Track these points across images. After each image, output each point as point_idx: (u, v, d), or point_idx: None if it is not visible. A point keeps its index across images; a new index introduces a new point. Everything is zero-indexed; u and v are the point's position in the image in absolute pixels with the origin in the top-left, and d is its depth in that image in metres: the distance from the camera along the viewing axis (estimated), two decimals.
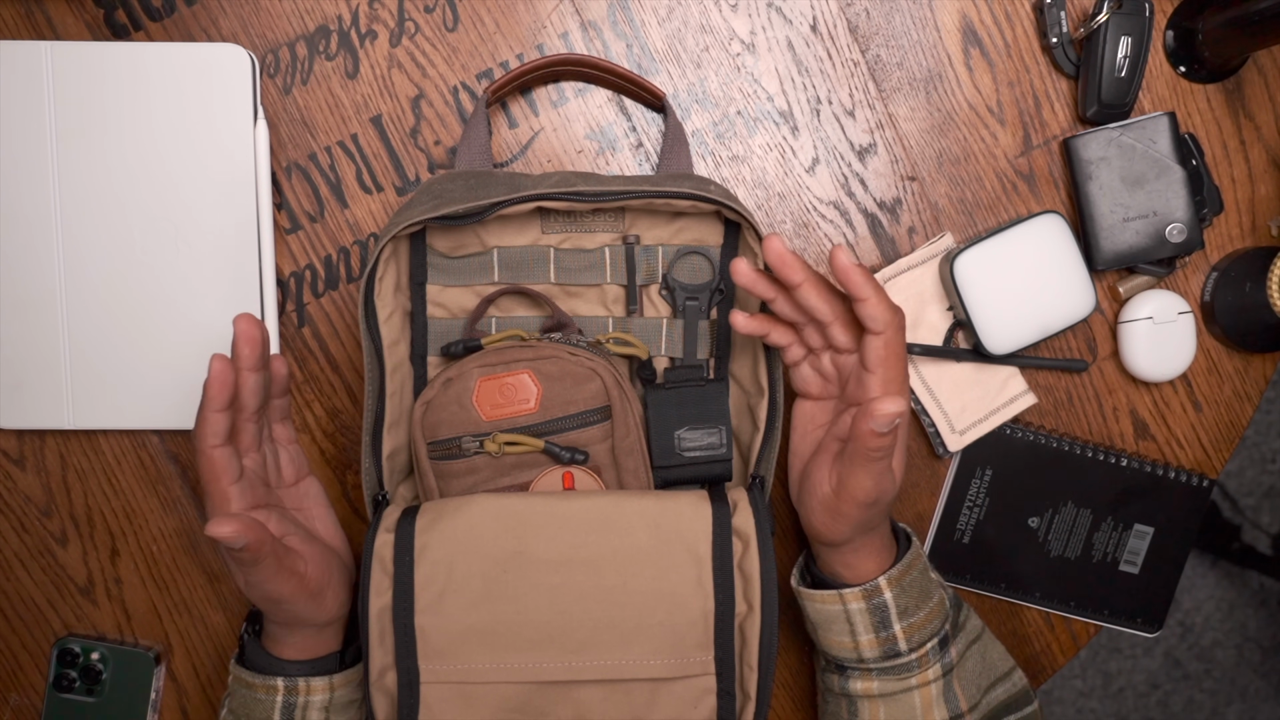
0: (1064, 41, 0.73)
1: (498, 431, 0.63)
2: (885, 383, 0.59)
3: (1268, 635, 1.82)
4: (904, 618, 0.62)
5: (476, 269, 0.67)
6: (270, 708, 0.63)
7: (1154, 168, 0.73)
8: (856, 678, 0.65)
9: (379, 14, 0.73)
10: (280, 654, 0.64)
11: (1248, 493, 1.80)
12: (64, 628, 0.76)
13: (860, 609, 0.62)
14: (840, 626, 0.63)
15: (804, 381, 0.64)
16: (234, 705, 0.64)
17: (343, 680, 0.65)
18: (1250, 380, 0.78)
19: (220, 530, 0.54)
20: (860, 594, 0.62)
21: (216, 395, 0.57)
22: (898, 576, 0.63)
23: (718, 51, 0.75)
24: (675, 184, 0.62)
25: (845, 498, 0.59)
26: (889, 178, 0.76)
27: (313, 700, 0.63)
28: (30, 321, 0.72)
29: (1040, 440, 0.75)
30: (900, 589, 0.63)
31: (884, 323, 0.58)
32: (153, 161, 0.71)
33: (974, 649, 0.66)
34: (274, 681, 0.63)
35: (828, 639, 0.65)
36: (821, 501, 0.61)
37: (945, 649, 0.64)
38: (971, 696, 0.65)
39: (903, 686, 0.63)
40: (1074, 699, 1.81)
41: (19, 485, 0.76)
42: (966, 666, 0.65)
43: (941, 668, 0.64)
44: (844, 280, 0.58)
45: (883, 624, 0.62)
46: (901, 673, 0.63)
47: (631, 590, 0.58)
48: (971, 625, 0.67)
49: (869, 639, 0.63)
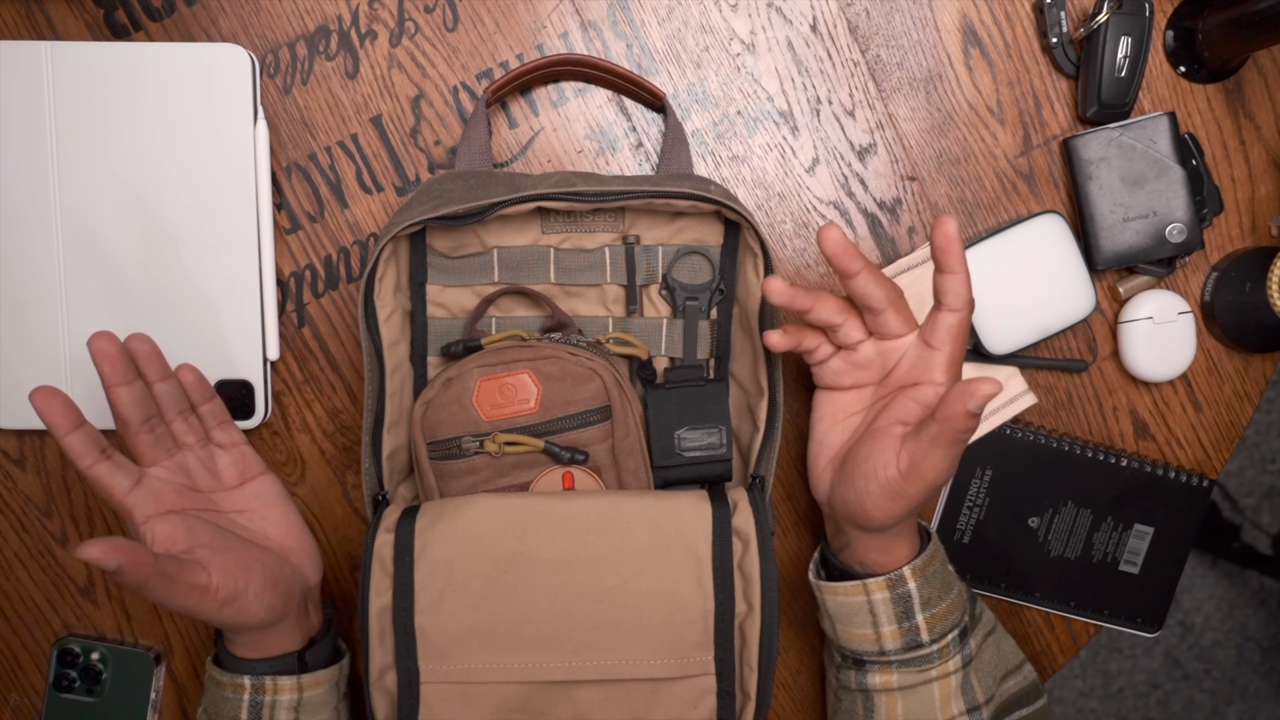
0: (1064, 41, 0.74)
1: (498, 431, 0.63)
2: (953, 360, 0.58)
3: (1268, 635, 1.82)
4: (927, 608, 0.62)
5: (476, 269, 0.67)
6: (238, 706, 0.63)
7: (1154, 168, 0.73)
8: (876, 671, 0.64)
9: (379, 14, 0.73)
10: (235, 653, 0.64)
11: (1248, 493, 1.80)
12: (64, 628, 0.76)
13: (884, 599, 0.62)
14: (863, 618, 0.63)
15: (834, 375, 0.63)
16: (206, 704, 0.65)
17: (313, 681, 0.64)
18: (1250, 380, 0.78)
19: (88, 553, 0.51)
20: (885, 583, 0.62)
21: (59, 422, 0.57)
22: (922, 566, 0.62)
23: (718, 51, 0.75)
24: (675, 184, 0.62)
25: (915, 479, 0.58)
26: (889, 178, 0.76)
27: (280, 699, 0.63)
28: (30, 321, 0.72)
29: (1040, 440, 0.75)
30: (924, 579, 0.62)
31: (965, 300, 0.57)
32: (153, 161, 0.71)
33: (990, 641, 0.66)
34: (241, 680, 0.63)
35: (848, 632, 0.64)
36: (884, 485, 0.59)
37: (965, 640, 0.64)
38: (988, 689, 0.65)
39: (923, 678, 0.63)
40: (1074, 699, 1.81)
41: (19, 485, 0.76)
42: (983, 658, 0.65)
43: (962, 659, 0.64)
44: (950, 252, 0.57)
45: (906, 614, 0.62)
46: (923, 664, 0.63)
47: (631, 590, 0.58)
48: (986, 618, 0.67)
49: (891, 630, 0.62)
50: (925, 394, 0.59)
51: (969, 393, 0.54)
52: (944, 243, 0.57)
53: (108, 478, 0.58)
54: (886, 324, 0.59)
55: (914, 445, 0.58)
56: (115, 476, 0.58)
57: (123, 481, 0.58)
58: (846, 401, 0.63)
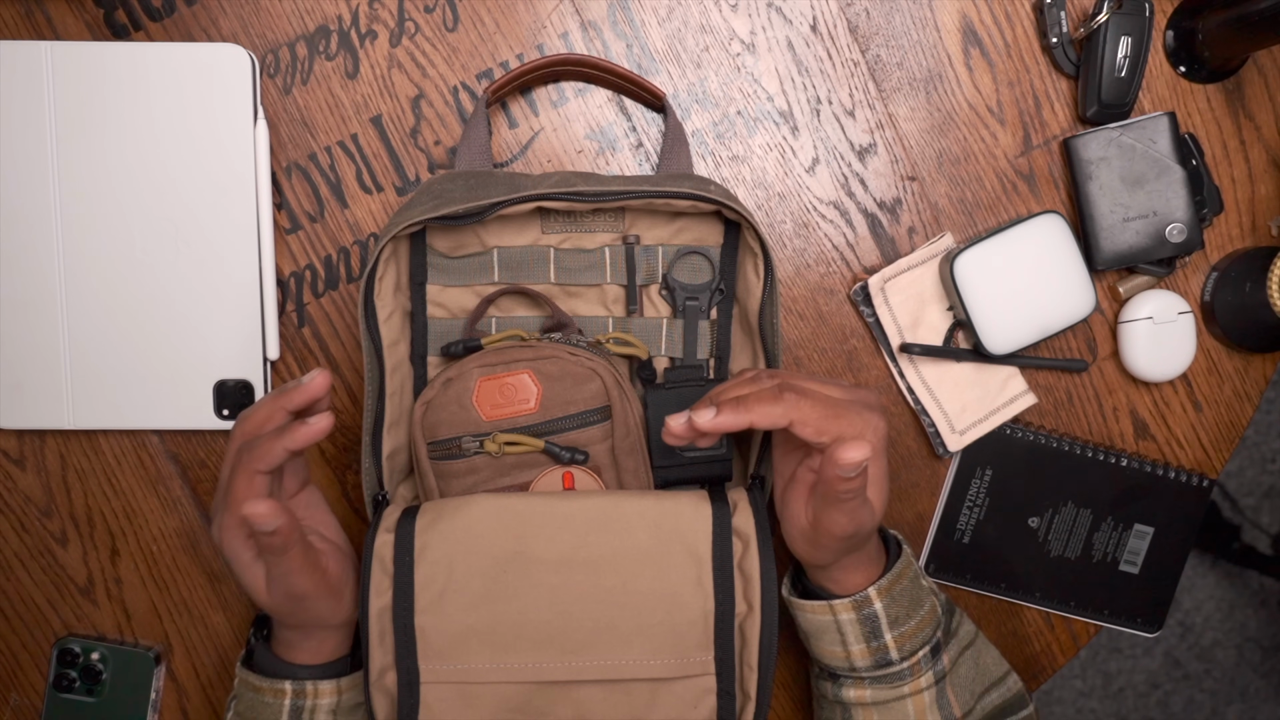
0: (1064, 41, 0.73)
1: (498, 431, 0.63)
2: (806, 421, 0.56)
3: (1268, 635, 1.82)
4: (895, 627, 0.62)
5: (476, 269, 0.67)
6: (278, 711, 0.62)
7: (1154, 168, 0.73)
8: (849, 686, 0.65)
9: (379, 14, 0.73)
10: (293, 659, 0.64)
11: (1248, 493, 1.80)
12: (64, 628, 0.76)
13: (850, 619, 0.62)
14: (831, 636, 0.63)
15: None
16: (240, 708, 0.64)
17: (350, 683, 0.64)
18: (1250, 380, 0.78)
19: (256, 509, 0.53)
20: (850, 605, 0.62)
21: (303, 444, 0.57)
22: (887, 586, 0.62)
23: (718, 51, 0.75)
24: (675, 184, 0.62)
25: (823, 532, 0.59)
26: (889, 178, 0.76)
27: (320, 704, 0.63)
28: (30, 321, 0.72)
29: (1040, 440, 0.75)
30: (890, 599, 0.62)
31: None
32: (153, 161, 0.71)
33: (967, 655, 0.66)
34: (282, 685, 0.63)
35: (820, 648, 0.65)
36: (801, 532, 0.60)
37: (938, 656, 0.64)
38: (965, 703, 0.65)
39: (895, 695, 0.63)
40: (1074, 699, 1.81)
41: (19, 485, 0.76)
42: (960, 673, 0.65)
43: (934, 675, 0.64)
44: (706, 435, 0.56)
45: (874, 634, 0.62)
46: (894, 681, 0.63)
47: (631, 590, 0.58)
48: (964, 631, 0.67)
49: (860, 649, 0.63)
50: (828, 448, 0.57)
51: (833, 459, 0.54)
52: (695, 434, 0.56)
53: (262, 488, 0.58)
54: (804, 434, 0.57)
55: (815, 502, 0.59)
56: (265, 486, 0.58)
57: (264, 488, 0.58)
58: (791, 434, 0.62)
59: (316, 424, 0.58)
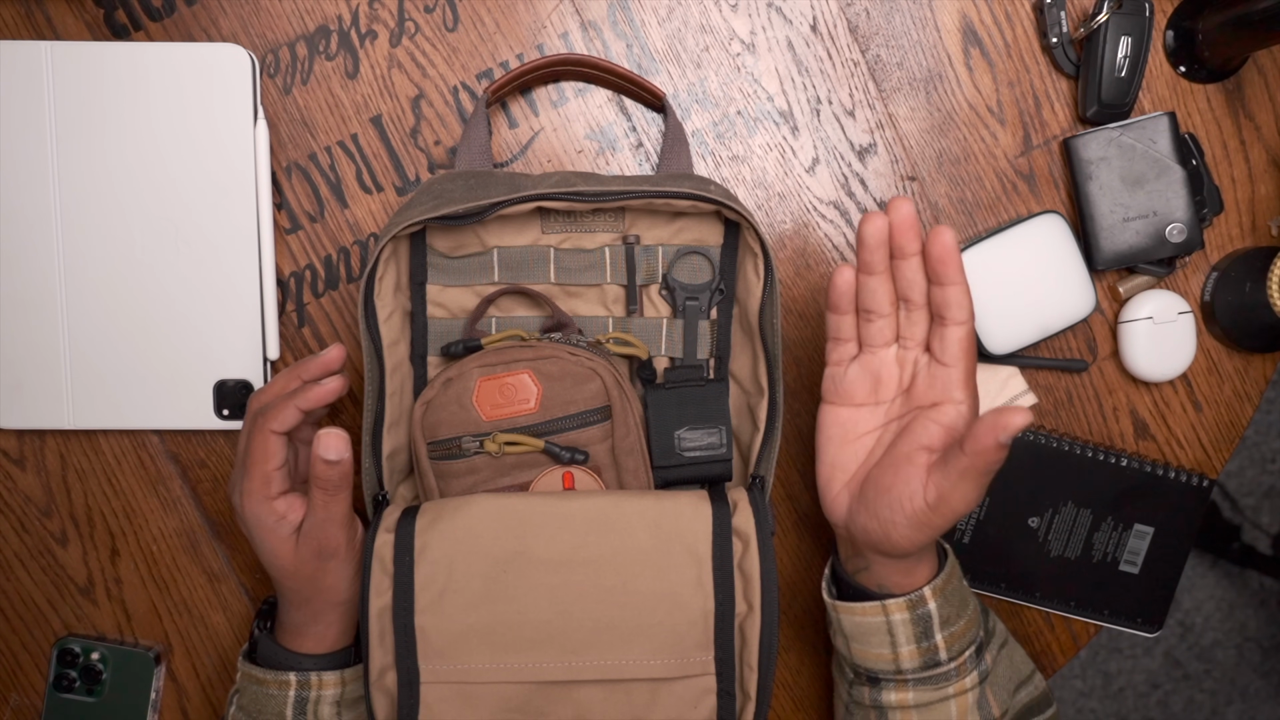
0: (1064, 41, 0.73)
1: (498, 431, 0.63)
2: (968, 375, 0.57)
3: (1268, 635, 1.82)
4: (946, 627, 0.62)
5: (476, 269, 0.67)
6: (282, 703, 0.63)
7: (1154, 168, 0.73)
8: (891, 689, 0.63)
9: (379, 14, 0.73)
10: (298, 647, 0.64)
11: (1248, 493, 1.80)
12: (64, 628, 0.76)
13: (904, 619, 0.61)
14: (880, 638, 0.62)
15: (850, 384, 0.61)
16: (244, 702, 0.64)
17: (353, 675, 0.65)
18: (1250, 380, 0.78)
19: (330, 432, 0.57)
20: (905, 604, 0.61)
21: (316, 403, 0.62)
22: (941, 585, 0.62)
23: (718, 51, 0.75)
24: (675, 184, 0.62)
25: (944, 510, 0.56)
26: (889, 178, 0.76)
27: (324, 695, 0.63)
28: (30, 321, 0.72)
29: (1040, 440, 0.75)
30: (944, 598, 0.62)
31: (970, 311, 0.55)
32: (152, 161, 0.71)
33: (1003, 653, 0.66)
34: (286, 676, 0.63)
35: (864, 651, 0.63)
36: (910, 516, 0.58)
37: (981, 656, 0.64)
38: (1003, 701, 0.64)
39: (939, 696, 0.63)
40: (1074, 699, 1.81)
41: (19, 485, 0.76)
42: (998, 672, 0.65)
43: (979, 675, 0.63)
44: (949, 262, 0.54)
45: (925, 634, 0.61)
46: (940, 682, 0.62)
47: (631, 590, 0.58)
48: (999, 630, 0.67)
49: (910, 650, 0.62)
50: (947, 414, 0.57)
51: (1000, 425, 0.52)
52: (942, 253, 0.54)
53: (276, 449, 0.61)
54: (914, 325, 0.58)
55: (942, 477, 0.56)
56: (282, 452, 0.62)
57: (281, 458, 0.62)
58: (856, 420, 0.61)
59: (328, 384, 0.62)
